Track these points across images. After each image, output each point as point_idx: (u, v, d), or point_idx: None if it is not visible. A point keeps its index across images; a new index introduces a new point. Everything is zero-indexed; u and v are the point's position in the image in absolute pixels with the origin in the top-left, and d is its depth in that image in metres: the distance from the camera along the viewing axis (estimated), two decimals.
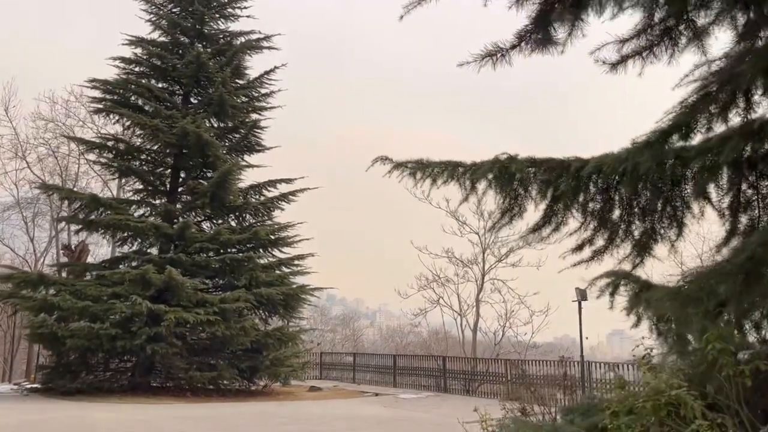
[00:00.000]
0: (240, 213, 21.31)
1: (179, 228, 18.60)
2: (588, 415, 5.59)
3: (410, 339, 49.62)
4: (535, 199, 5.82)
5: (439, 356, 21.11)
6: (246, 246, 20.19)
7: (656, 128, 4.64)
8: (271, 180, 21.95)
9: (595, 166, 5.25)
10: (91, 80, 20.37)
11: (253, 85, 22.13)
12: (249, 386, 20.18)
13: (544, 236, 5.88)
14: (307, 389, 21.62)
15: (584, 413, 5.70)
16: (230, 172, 19.17)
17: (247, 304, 18.26)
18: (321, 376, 26.27)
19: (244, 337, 18.40)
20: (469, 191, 5.96)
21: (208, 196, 19.49)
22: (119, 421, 12.23)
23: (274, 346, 19.34)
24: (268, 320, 21.41)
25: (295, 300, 20.55)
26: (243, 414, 14.02)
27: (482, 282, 22.02)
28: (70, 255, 23.55)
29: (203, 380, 18.19)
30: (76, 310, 16.98)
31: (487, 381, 18.76)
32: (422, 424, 12.99)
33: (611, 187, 5.56)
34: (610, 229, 5.68)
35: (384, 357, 24.17)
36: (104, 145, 20.67)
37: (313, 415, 14.32)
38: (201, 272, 19.01)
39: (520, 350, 20.66)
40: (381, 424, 12.83)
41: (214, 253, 19.55)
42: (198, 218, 21.26)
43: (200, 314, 17.41)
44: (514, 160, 5.65)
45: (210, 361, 19.09)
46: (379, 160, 6.12)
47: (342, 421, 13.15)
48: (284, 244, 21.19)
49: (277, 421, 12.95)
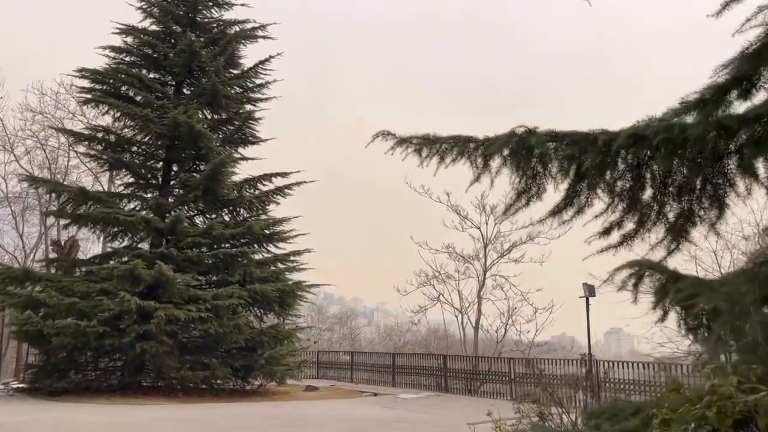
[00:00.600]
0: (234, 207, 20.65)
1: (171, 222, 17.93)
2: (616, 421, 4.98)
3: (408, 338, 49.06)
4: (556, 177, 5.19)
5: (440, 355, 20.50)
6: (240, 241, 19.53)
7: (711, 84, 4.01)
8: (266, 173, 21.27)
9: (628, 137, 4.62)
10: (80, 69, 19.69)
11: (248, 75, 21.46)
12: (243, 386, 19.54)
13: (565, 220, 5.25)
14: (303, 389, 20.99)
15: (611, 418, 5.08)
16: (223, 164, 18.50)
17: (240, 300, 17.59)
18: (318, 375, 25.66)
19: (237, 335, 17.76)
20: (481, 169, 5.33)
21: (201, 189, 18.82)
22: (105, 423, 11.58)
23: (270, 345, 18.70)
24: (263, 318, 20.78)
25: (291, 297, 19.90)
26: (235, 415, 13.38)
27: (484, 278, 21.40)
28: (60, 251, 22.88)
29: (196, 380, 17.54)
30: (63, 307, 16.31)
31: (489, 380, 18.15)
32: (424, 427, 12.37)
33: (643, 163, 4.93)
34: (640, 211, 5.05)
35: (382, 356, 23.56)
36: (93, 137, 19.96)
37: (309, 416, 13.69)
38: (193, 268, 18.35)
39: (523, 348, 20.04)
40: (381, 427, 12.20)
41: (207, 249, 18.87)
42: (191, 212, 20.59)
43: (192, 311, 16.75)
44: (534, 134, 5.01)
45: (203, 359, 18.44)
46: (380, 135, 5.49)
47: (339, 423, 12.52)
48: (280, 240, 20.54)
49: (271, 423, 12.32)
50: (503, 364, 17.71)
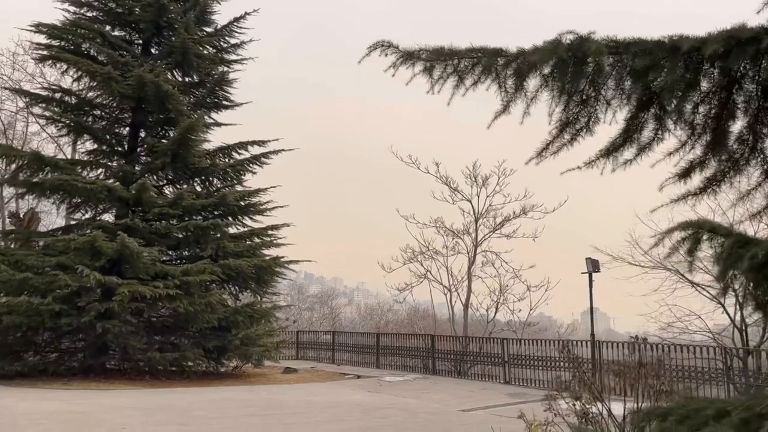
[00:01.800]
0: (206, 177, 19.14)
1: (136, 190, 16.39)
2: (692, 425, 3.76)
3: (389, 317, 48.03)
4: (613, 103, 3.90)
5: (427, 335, 19.36)
6: (213, 213, 18.10)
7: None
8: (242, 141, 19.75)
9: (726, 39, 3.32)
10: (36, 24, 17.83)
11: (221, 33, 19.78)
12: (217, 368, 18.26)
13: (625, 160, 3.97)
14: (281, 371, 19.77)
15: (683, 421, 3.87)
16: (193, 127, 16.92)
17: (213, 277, 16.20)
18: (297, 356, 24.45)
19: (210, 314, 16.41)
20: (512, 93, 4.01)
21: (169, 156, 17.28)
22: (50, 412, 10.19)
23: (245, 324, 17.36)
24: (238, 296, 19.43)
25: (268, 273, 18.58)
26: (204, 402, 12.07)
27: (474, 254, 20.17)
28: (18, 223, 21.21)
29: (164, 362, 16.18)
30: (14, 282, 14.76)
31: (481, 362, 17.06)
32: (414, 414, 11.19)
33: (735, 80, 3.66)
34: (728, 147, 3.78)
35: (366, 336, 22.37)
36: (51, 98, 18.22)
37: (286, 403, 12.44)
38: (161, 241, 16.89)
39: (515, 329, 18.98)
40: (366, 414, 10.99)
41: (177, 220, 17.41)
42: (160, 182, 19.05)
43: (159, 288, 15.35)
44: (588, 41, 3.69)
45: (172, 340, 17.11)
46: (378, 47, 4.13)
47: (319, 412, 11.29)
48: (256, 212, 19.13)
49: (245, 412, 11.04)
50: (496, 345, 16.61)
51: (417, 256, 21.19)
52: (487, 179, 20.04)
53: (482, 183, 20.08)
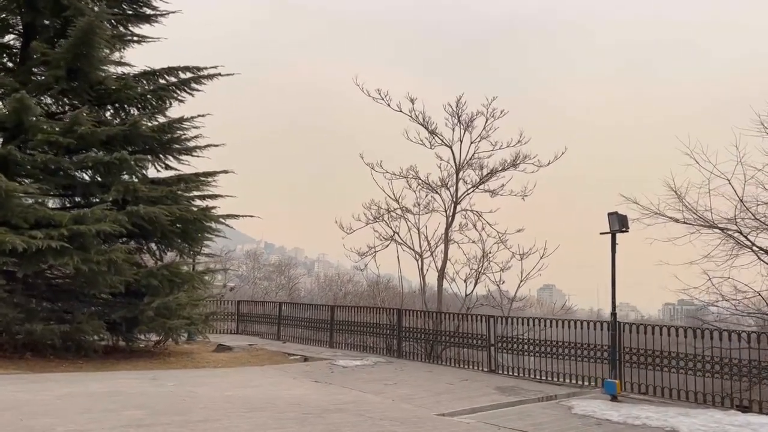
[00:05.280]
0: (120, 104, 15.13)
1: (11, 108, 12.24)
2: None
3: (349, 288, 44.58)
4: None
5: (393, 309, 15.86)
6: (125, 148, 14.10)
7: None
8: (171, 67, 15.77)
9: None
10: None
11: None
12: (129, 345, 14.54)
13: None
14: (213, 349, 16.15)
15: None
16: (92, 29, 12.76)
17: (115, 227, 12.33)
18: (238, 330, 20.83)
19: (112, 276, 12.62)
20: None
21: (63, 68, 13.18)
22: None
23: (162, 290, 13.60)
24: (161, 257, 15.58)
25: (196, 228, 14.81)
26: (73, 399, 8.32)
27: (453, 212, 16.65)
28: None
29: (51, 336, 12.35)
30: None
31: (459, 344, 13.68)
32: (375, 423, 7.68)
33: None
34: None
35: (318, 308, 18.83)
36: None
37: (197, 400, 8.80)
38: (49, 179, 12.93)
39: (499, 304, 15.70)
40: (304, 425, 7.43)
41: (74, 155, 13.41)
42: (59, 108, 14.95)
43: (38, 238, 11.46)
44: None
45: (63, 308, 13.23)
46: None
47: (238, 416, 7.69)
48: (183, 151, 15.28)
49: (123, 418, 7.34)
50: (479, 324, 13.21)
51: (383, 215, 17.58)
52: (472, 120, 16.46)
53: (467, 124, 16.48)
